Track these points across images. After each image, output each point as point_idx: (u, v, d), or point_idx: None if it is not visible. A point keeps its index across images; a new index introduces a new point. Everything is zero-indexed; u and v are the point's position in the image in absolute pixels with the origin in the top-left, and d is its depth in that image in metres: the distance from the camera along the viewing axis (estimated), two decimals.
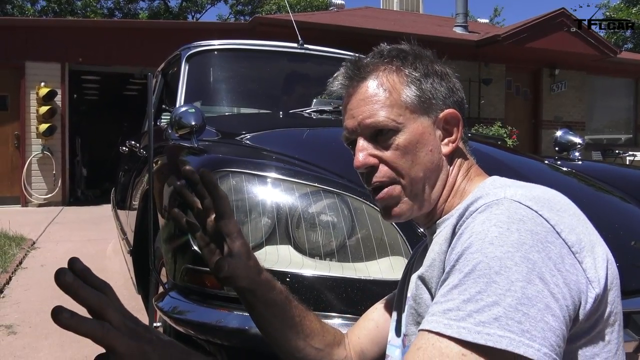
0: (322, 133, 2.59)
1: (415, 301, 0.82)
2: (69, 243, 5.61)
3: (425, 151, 0.83)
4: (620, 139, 13.07)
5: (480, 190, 0.79)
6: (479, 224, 0.68)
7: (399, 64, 0.85)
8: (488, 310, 0.60)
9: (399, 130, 0.82)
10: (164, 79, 3.62)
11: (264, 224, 1.44)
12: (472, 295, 0.62)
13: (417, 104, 0.83)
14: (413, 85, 0.83)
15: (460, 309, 0.62)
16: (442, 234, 0.80)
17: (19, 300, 3.52)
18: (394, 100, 0.83)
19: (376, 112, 0.82)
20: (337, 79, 0.89)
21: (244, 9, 24.63)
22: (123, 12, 23.19)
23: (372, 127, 0.83)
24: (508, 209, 0.68)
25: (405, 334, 0.84)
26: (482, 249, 0.65)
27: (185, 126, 1.98)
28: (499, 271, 0.62)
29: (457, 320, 0.62)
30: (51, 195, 8.93)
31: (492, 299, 0.61)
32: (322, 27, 9.35)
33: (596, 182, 2.06)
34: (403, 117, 0.82)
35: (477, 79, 11.03)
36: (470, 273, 0.64)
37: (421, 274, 0.79)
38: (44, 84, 8.72)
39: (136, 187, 2.91)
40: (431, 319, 0.65)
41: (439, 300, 0.66)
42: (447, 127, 0.86)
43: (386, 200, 0.84)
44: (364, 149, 0.84)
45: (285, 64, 3.42)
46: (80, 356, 2.63)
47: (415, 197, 0.84)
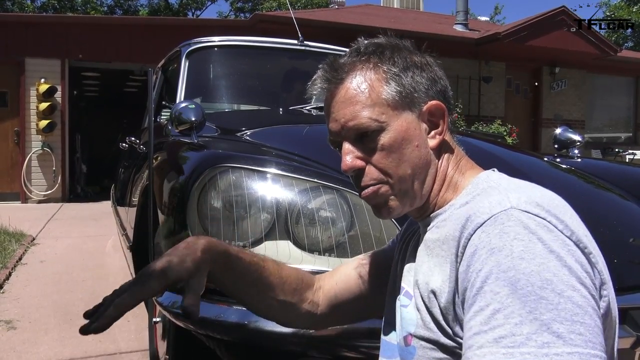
0: (321, 129, 2.59)
1: (425, 310, 0.78)
2: (69, 239, 5.62)
3: (411, 148, 0.81)
4: (620, 138, 13.07)
5: (476, 188, 0.79)
6: (497, 239, 0.65)
7: (377, 61, 0.83)
8: (547, 329, 0.57)
9: (383, 129, 0.81)
10: (164, 76, 3.62)
11: (264, 220, 1.45)
12: (524, 316, 0.58)
13: (399, 100, 0.81)
14: (392, 81, 0.82)
15: (515, 333, 0.58)
16: (438, 233, 0.79)
17: (18, 296, 3.52)
18: (375, 99, 0.81)
19: (358, 114, 0.81)
20: (315, 83, 0.87)
21: (244, 6, 24.61)
22: (123, 9, 23.16)
23: (355, 130, 0.82)
24: (520, 219, 0.66)
25: (412, 334, 0.81)
26: (514, 266, 0.61)
27: (185, 122, 1.99)
28: (542, 286, 0.59)
29: (517, 347, 0.57)
30: (51, 191, 8.93)
31: (547, 316, 0.58)
32: (322, 25, 9.35)
33: (595, 180, 2.07)
34: (385, 115, 0.81)
35: (477, 77, 11.03)
36: (512, 294, 0.60)
37: (434, 288, 0.75)
38: (44, 80, 8.71)
39: (136, 184, 2.92)
40: (482, 351, 0.60)
41: (482, 330, 0.61)
42: (432, 120, 0.84)
43: (373, 199, 0.84)
44: (350, 152, 0.83)
45: (285, 60, 3.41)
46: (79, 351, 2.63)
47: (405, 195, 0.82)
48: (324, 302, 1.03)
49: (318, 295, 1.03)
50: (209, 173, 1.52)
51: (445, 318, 0.73)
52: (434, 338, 0.75)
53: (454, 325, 0.72)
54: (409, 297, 0.84)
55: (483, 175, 0.82)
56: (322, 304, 1.03)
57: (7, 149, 8.94)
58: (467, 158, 0.88)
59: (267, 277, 0.96)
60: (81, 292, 3.62)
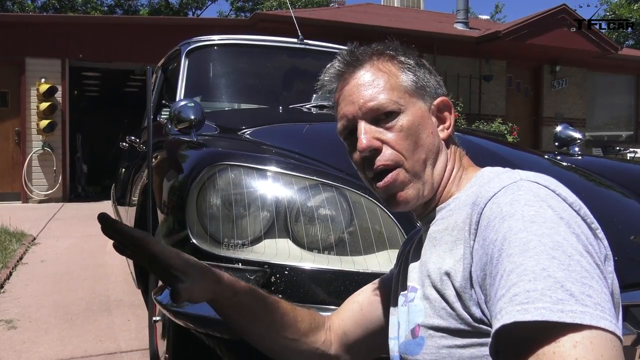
0: (321, 128, 2.59)
1: (436, 295, 0.77)
2: (70, 239, 5.62)
3: (426, 133, 0.84)
4: (621, 136, 13.06)
5: (481, 179, 0.80)
6: (508, 206, 0.67)
7: (392, 54, 0.87)
8: (561, 287, 0.58)
9: (401, 112, 0.83)
10: (163, 75, 3.62)
11: (263, 218, 1.44)
12: (537, 273, 0.59)
13: (415, 89, 0.85)
14: (409, 71, 0.85)
15: (530, 289, 0.58)
16: (444, 224, 0.79)
17: (19, 296, 3.52)
18: (394, 83, 0.84)
19: (377, 95, 0.83)
20: (333, 67, 0.90)
21: (245, 6, 24.61)
22: (123, 9, 23.17)
23: (374, 110, 0.83)
24: (530, 188, 0.68)
25: (420, 324, 0.79)
26: (526, 227, 0.63)
27: (185, 120, 1.98)
28: (554, 247, 0.61)
29: (532, 302, 0.58)
30: (52, 191, 8.94)
31: (560, 275, 0.58)
32: (323, 24, 9.34)
33: (596, 177, 2.06)
34: (403, 99, 0.83)
35: (478, 76, 11.02)
36: (524, 252, 0.61)
37: (448, 269, 0.74)
38: (44, 80, 8.72)
39: (136, 183, 2.92)
40: (501, 314, 0.60)
41: (502, 295, 0.61)
42: (440, 115, 0.88)
43: (392, 186, 0.83)
44: (367, 132, 0.83)
45: (285, 59, 3.41)
46: (80, 350, 2.63)
47: (419, 180, 0.83)
48: (335, 341, 1.02)
49: (330, 334, 1.02)
50: (208, 171, 1.51)
51: (460, 298, 0.72)
52: (443, 325, 0.75)
53: (470, 304, 0.71)
54: (414, 291, 0.84)
55: (486, 170, 0.84)
56: (335, 343, 1.02)
57: (7, 149, 8.94)
58: (467, 157, 0.90)
59: (282, 317, 0.96)
60: (82, 292, 3.62)
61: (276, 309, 0.96)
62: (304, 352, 0.99)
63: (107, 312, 3.22)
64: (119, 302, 3.43)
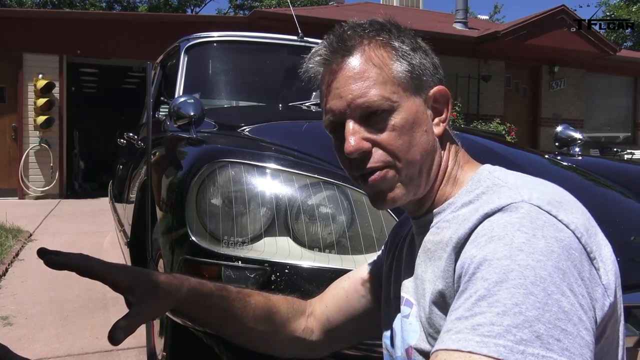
0: (321, 125, 2.58)
1: (425, 320, 0.74)
2: (66, 235, 5.60)
3: (420, 131, 0.76)
4: (619, 137, 13.09)
5: (478, 185, 0.74)
6: (500, 228, 0.62)
7: (386, 37, 0.77)
8: (529, 327, 0.54)
9: (394, 109, 0.74)
10: (162, 71, 3.60)
11: (263, 215, 1.43)
12: (509, 307, 0.55)
13: (409, 81, 0.76)
14: (404, 60, 0.76)
15: (495, 323, 0.55)
16: (440, 235, 0.74)
17: (15, 292, 3.51)
18: (386, 76, 0.75)
19: (368, 91, 0.74)
20: (318, 54, 0.80)
21: (244, 3, 24.55)
22: (122, 5, 23.09)
23: (364, 108, 0.75)
24: (529, 213, 0.62)
25: (412, 347, 0.76)
26: (511, 255, 0.58)
27: (184, 116, 1.97)
28: (535, 282, 0.56)
29: (494, 337, 0.54)
30: (48, 187, 8.91)
31: (532, 314, 0.55)
32: (322, 22, 9.32)
33: (596, 177, 2.05)
34: (397, 95, 0.75)
35: (477, 76, 11.02)
36: (501, 282, 0.57)
37: (442, 289, 0.70)
38: (42, 76, 8.69)
39: (134, 180, 2.90)
40: (458, 336, 0.56)
41: (462, 315, 0.58)
42: (437, 106, 0.79)
43: (379, 184, 0.76)
44: (356, 133, 0.75)
45: (285, 56, 3.39)
46: (76, 348, 2.62)
47: (411, 182, 0.76)
48: (317, 327, 0.99)
49: (311, 321, 0.99)
50: (207, 168, 1.50)
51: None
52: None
53: None
54: (409, 306, 0.80)
55: (484, 171, 0.77)
56: (316, 330, 0.99)
57: (4, 145, 8.91)
58: (463, 151, 0.83)
59: (254, 312, 0.93)
60: (78, 289, 3.60)
61: (247, 305, 0.92)
62: (283, 341, 0.97)
63: (104, 309, 3.21)
64: (115, 299, 3.42)
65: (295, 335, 0.97)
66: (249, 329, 0.94)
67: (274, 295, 0.99)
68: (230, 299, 0.91)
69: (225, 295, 0.91)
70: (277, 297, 0.99)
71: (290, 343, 0.98)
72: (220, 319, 0.92)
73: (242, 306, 0.92)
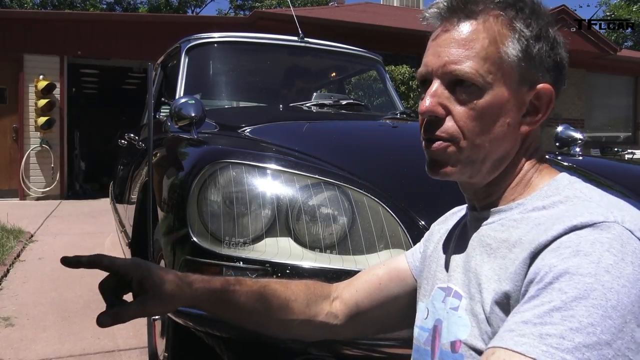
0: (322, 126, 2.59)
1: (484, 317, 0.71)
2: (67, 236, 5.60)
3: (502, 122, 0.72)
4: (619, 137, 13.08)
5: (556, 193, 0.71)
6: (588, 244, 0.59)
7: (512, 15, 0.72)
8: (599, 349, 0.53)
9: (484, 89, 0.70)
10: (163, 72, 3.60)
11: (264, 216, 1.43)
12: (583, 325, 0.54)
13: (514, 67, 0.71)
14: (518, 44, 0.71)
15: (566, 337, 0.53)
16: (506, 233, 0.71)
17: (16, 293, 3.51)
18: (490, 54, 0.71)
19: (464, 61, 0.71)
20: (437, 6, 0.76)
21: (244, 4, 24.57)
22: (122, 6, 23.11)
23: (453, 75, 0.71)
24: (620, 236, 0.60)
25: (462, 341, 0.73)
26: (597, 274, 0.56)
27: (185, 117, 1.97)
28: (616, 307, 0.55)
29: (561, 351, 0.53)
30: (49, 188, 8.91)
31: (605, 337, 0.53)
32: (322, 23, 9.33)
33: (597, 177, 2.05)
34: (493, 76, 0.70)
35: None
36: (581, 299, 0.55)
37: (508, 291, 0.66)
38: (42, 76, 8.69)
39: (135, 180, 2.90)
40: (522, 340, 0.55)
41: (530, 320, 0.56)
42: (536, 104, 0.74)
43: (437, 155, 0.74)
44: (436, 95, 0.72)
45: (286, 57, 3.40)
46: (78, 348, 2.62)
47: (471, 164, 0.73)
48: (343, 312, 0.98)
49: (336, 305, 0.99)
50: (209, 169, 1.50)
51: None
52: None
53: None
54: (458, 298, 0.77)
55: (564, 180, 0.73)
56: (342, 314, 0.98)
57: (5, 146, 8.91)
58: (545, 157, 0.79)
59: (272, 301, 0.93)
60: (79, 289, 3.61)
61: (264, 296, 0.93)
62: (304, 326, 0.96)
63: None
64: None
65: (317, 320, 0.97)
66: (266, 320, 0.94)
67: (293, 281, 0.99)
68: (244, 291, 0.92)
69: (238, 289, 0.92)
70: (297, 283, 0.99)
71: (312, 328, 0.97)
72: (236, 313, 0.93)
73: (258, 299, 0.92)
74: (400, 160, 1.88)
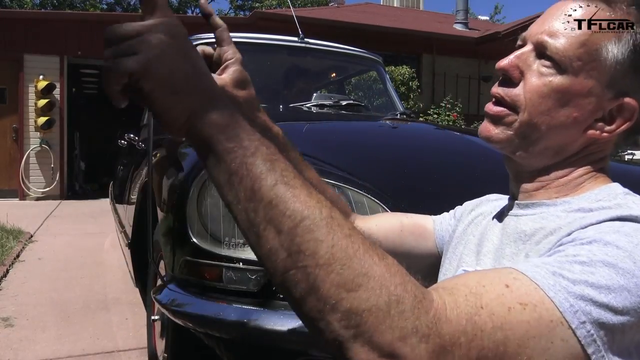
0: (322, 126, 2.58)
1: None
2: (67, 236, 5.60)
3: (567, 112, 0.68)
4: None
5: (608, 199, 0.67)
6: (631, 229, 0.58)
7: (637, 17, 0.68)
8: (604, 311, 0.52)
9: (565, 71, 0.67)
10: None
11: None
12: (600, 285, 0.52)
13: (609, 67, 0.66)
14: (626, 46, 0.66)
15: (577, 285, 0.52)
16: (542, 223, 0.69)
17: (16, 293, 3.51)
18: (593, 42, 0.67)
19: (559, 37, 0.67)
20: None
21: (244, 4, 24.59)
22: (123, 7, 23.12)
23: (544, 46, 0.68)
24: None
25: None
26: (632, 252, 0.55)
27: None
28: (638, 285, 0.53)
29: (567, 292, 0.52)
30: (49, 188, 8.91)
31: (616, 305, 0.52)
32: (322, 23, 9.33)
33: None
34: (582, 64, 0.66)
35: (477, 76, 11.02)
36: (607, 265, 0.54)
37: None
38: (42, 76, 8.70)
39: (135, 181, 2.90)
40: (534, 268, 0.54)
41: (550, 262, 0.55)
42: (615, 115, 0.69)
43: (493, 117, 0.72)
44: (520, 58, 0.70)
45: (286, 57, 3.39)
46: (77, 349, 2.62)
47: (521, 139, 0.71)
48: None
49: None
50: None
51: None
52: None
53: None
54: None
55: (618, 189, 0.69)
56: None
57: (5, 146, 8.92)
58: (607, 168, 0.74)
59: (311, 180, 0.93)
60: (79, 290, 3.61)
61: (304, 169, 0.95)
62: None
63: (105, 311, 3.21)
64: (116, 300, 3.42)
65: None
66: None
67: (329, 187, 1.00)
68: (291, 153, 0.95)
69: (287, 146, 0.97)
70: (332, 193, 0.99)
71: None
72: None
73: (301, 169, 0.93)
74: (400, 161, 1.88)
